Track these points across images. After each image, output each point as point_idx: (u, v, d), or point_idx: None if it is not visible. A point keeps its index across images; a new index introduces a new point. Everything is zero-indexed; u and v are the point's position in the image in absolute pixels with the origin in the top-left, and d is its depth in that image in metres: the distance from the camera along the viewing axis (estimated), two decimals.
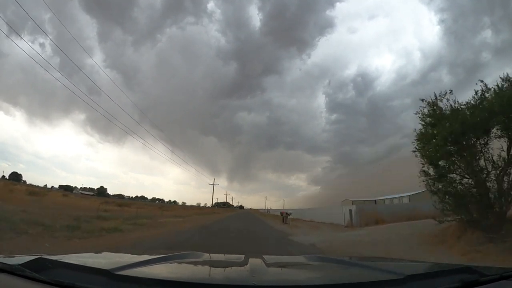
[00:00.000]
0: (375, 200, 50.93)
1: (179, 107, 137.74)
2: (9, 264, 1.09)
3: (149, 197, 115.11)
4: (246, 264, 1.57)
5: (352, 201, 53.92)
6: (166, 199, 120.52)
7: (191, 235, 11.37)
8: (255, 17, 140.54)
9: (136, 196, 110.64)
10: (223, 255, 2.15)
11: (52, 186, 77.52)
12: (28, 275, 1.02)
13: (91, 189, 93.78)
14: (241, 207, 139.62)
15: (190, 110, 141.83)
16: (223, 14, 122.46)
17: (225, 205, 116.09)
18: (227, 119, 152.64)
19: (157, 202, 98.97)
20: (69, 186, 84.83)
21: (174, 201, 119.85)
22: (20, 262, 1.08)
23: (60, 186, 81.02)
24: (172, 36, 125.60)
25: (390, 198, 50.24)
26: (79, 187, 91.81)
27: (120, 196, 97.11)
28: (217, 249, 7.38)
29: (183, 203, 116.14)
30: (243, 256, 1.80)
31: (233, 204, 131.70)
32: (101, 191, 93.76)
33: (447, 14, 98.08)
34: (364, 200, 52.07)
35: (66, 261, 1.19)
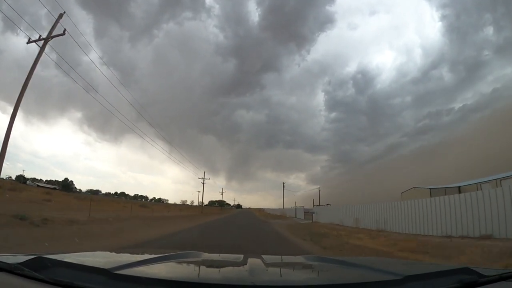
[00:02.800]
0: (459, 187, 32.18)
1: (178, 104, 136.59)
2: (8, 263, 1.09)
3: (132, 194, 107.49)
4: (245, 264, 1.57)
5: (430, 189, 34.36)
6: (151, 197, 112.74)
7: None
8: (254, 12, 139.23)
9: (116, 193, 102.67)
10: (222, 254, 2.15)
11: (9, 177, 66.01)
12: (27, 274, 1.02)
13: (56, 182, 75.91)
14: (238, 206, 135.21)
15: (188, 108, 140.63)
16: (222, 9, 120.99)
17: (219, 203, 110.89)
18: (226, 117, 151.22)
19: (139, 200, 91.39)
20: (22, 176, 68.37)
21: (159, 199, 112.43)
22: (19, 261, 1.08)
23: (17, 178, 66.97)
24: (170, 32, 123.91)
25: (487, 180, 29.24)
26: (44, 179, 77.10)
27: (93, 192, 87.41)
28: (217, 249, 7.34)
29: (165, 200, 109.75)
30: (242, 256, 1.80)
31: (230, 202, 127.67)
32: (66, 184, 74.19)
33: (449, 10, 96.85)
34: (444, 188, 33.59)
35: (65, 260, 1.19)
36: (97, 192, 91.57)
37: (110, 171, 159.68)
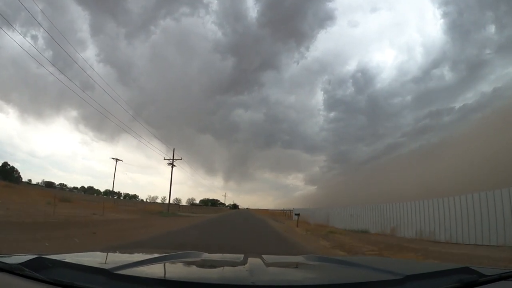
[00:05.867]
0: None
1: (176, 103, 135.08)
2: (9, 264, 1.09)
3: (102, 190, 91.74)
4: (246, 264, 1.57)
5: None
6: (127, 193, 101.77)
7: None
8: (252, 7, 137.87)
9: (83, 187, 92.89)
10: (222, 254, 2.15)
11: None
12: (28, 275, 1.02)
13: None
14: (234, 206, 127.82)
15: (186, 107, 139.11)
16: (220, 4, 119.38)
17: (211, 203, 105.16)
18: (224, 116, 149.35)
19: (111, 197, 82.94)
20: None
21: (134, 195, 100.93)
22: (20, 261, 1.08)
23: None
24: (167, 28, 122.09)
25: None
26: None
27: (49, 185, 74.16)
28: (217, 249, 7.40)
29: (138, 197, 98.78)
30: (243, 255, 1.80)
31: (229, 202, 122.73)
32: (4, 171, 52.26)
33: (451, 7, 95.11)
34: None
35: (66, 260, 1.19)
36: (51, 184, 78.42)
37: (108, 171, 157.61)
